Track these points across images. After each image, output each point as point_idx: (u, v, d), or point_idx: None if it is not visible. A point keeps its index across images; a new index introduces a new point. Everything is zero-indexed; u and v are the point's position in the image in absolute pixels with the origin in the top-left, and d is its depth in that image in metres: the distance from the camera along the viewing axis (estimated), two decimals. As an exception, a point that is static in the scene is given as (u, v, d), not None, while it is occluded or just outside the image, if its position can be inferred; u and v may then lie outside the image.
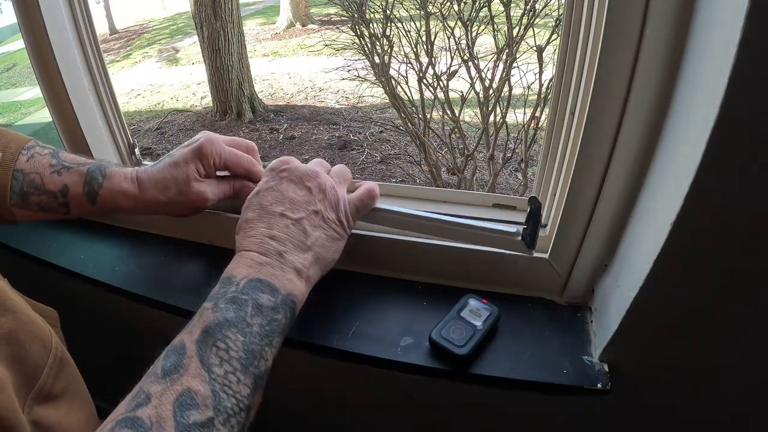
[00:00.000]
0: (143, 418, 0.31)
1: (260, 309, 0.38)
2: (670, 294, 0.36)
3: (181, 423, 0.31)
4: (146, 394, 0.32)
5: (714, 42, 0.29)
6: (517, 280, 0.51)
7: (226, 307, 0.37)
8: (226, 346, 0.35)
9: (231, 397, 0.33)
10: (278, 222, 0.43)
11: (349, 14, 2.21)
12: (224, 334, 0.35)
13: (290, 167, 0.46)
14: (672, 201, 0.32)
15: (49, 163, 0.49)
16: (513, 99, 1.91)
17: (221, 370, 0.34)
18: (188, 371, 0.33)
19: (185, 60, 6.06)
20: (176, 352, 0.35)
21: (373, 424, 0.67)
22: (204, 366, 0.34)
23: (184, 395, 0.32)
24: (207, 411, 0.32)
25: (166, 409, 0.31)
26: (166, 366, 0.34)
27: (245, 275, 0.39)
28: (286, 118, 4.02)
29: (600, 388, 0.42)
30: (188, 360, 0.34)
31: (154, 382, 0.33)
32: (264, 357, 0.37)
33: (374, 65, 2.23)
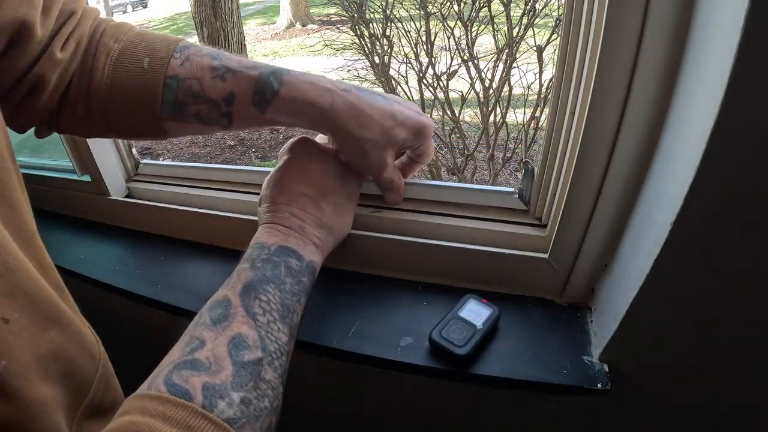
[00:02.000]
0: (201, 359, 0.33)
1: (290, 271, 0.42)
2: (670, 294, 0.36)
3: (237, 361, 0.34)
4: (200, 340, 0.35)
5: (714, 42, 0.29)
6: (517, 280, 0.51)
7: (263, 266, 0.41)
8: (267, 299, 0.39)
9: (274, 342, 0.37)
10: (298, 200, 0.46)
11: (349, 14, 2.21)
12: (264, 289, 0.39)
13: (309, 145, 0.49)
14: (672, 201, 0.32)
15: (209, 65, 0.43)
16: (513, 99, 1.91)
17: (264, 318, 0.37)
18: (236, 319, 0.36)
19: (185, 60, 6.04)
20: (221, 304, 0.38)
21: (373, 424, 0.67)
22: (249, 315, 0.37)
23: (236, 338, 0.35)
24: (257, 351, 0.35)
25: (221, 350, 0.34)
26: (214, 316, 0.37)
27: (275, 242, 0.43)
28: (286, 118, 4.01)
29: (600, 388, 0.42)
30: (234, 310, 0.37)
31: (205, 330, 0.36)
32: (295, 311, 0.41)
33: (374, 65, 2.23)
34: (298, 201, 0.46)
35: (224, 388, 0.32)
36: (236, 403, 0.32)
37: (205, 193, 0.65)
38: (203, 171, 0.68)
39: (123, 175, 0.71)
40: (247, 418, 0.32)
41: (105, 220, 0.73)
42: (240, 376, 0.33)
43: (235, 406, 0.32)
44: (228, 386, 0.32)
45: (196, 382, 0.32)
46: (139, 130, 0.46)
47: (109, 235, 0.70)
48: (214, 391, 0.32)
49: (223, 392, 0.32)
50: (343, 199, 0.48)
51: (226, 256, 0.62)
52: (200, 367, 0.33)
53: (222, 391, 0.32)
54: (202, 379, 0.32)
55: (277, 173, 0.48)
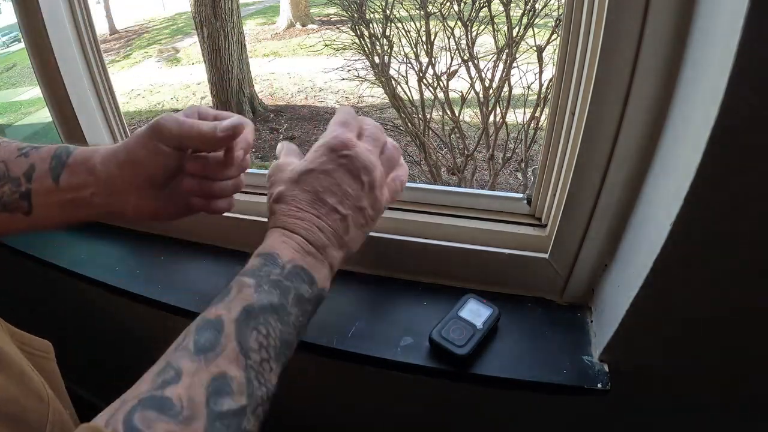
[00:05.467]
0: (172, 398, 0.29)
1: (299, 300, 0.36)
2: (670, 294, 0.36)
3: (214, 410, 0.29)
4: (176, 371, 0.30)
5: (714, 42, 0.29)
6: (517, 280, 0.51)
7: (270, 290, 0.35)
8: (266, 332, 0.33)
9: (263, 386, 0.32)
10: (328, 215, 0.40)
11: (349, 14, 2.21)
12: (266, 320, 0.34)
13: (352, 154, 0.41)
14: (672, 201, 0.32)
15: (17, 147, 0.42)
16: (513, 99, 1.91)
17: (258, 357, 0.32)
18: (225, 352, 0.31)
19: (185, 60, 6.06)
20: (212, 327, 0.32)
21: (373, 424, 0.67)
22: (242, 350, 0.32)
23: (219, 379, 0.30)
24: (241, 398, 0.31)
25: (198, 393, 0.29)
26: (200, 342, 0.32)
27: (291, 259, 0.37)
28: (286, 118, 4.02)
29: (600, 388, 0.42)
30: (226, 340, 0.32)
31: (185, 358, 0.31)
32: (292, 347, 0.36)
33: (374, 65, 2.23)
34: (330, 216, 0.40)
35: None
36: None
37: (205, 193, 0.65)
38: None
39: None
40: None
41: (105, 220, 0.73)
42: (214, 429, 0.29)
43: None
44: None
45: (160, 429, 0.27)
46: None
47: (109, 235, 0.70)
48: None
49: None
50: (369, 221, 0.43)
51: (226, 256, 0.62)
52: (169, 410, 0.28)
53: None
54: (168, 427, 0.28)
55: (310, 173, 0.41)
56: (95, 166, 0.42)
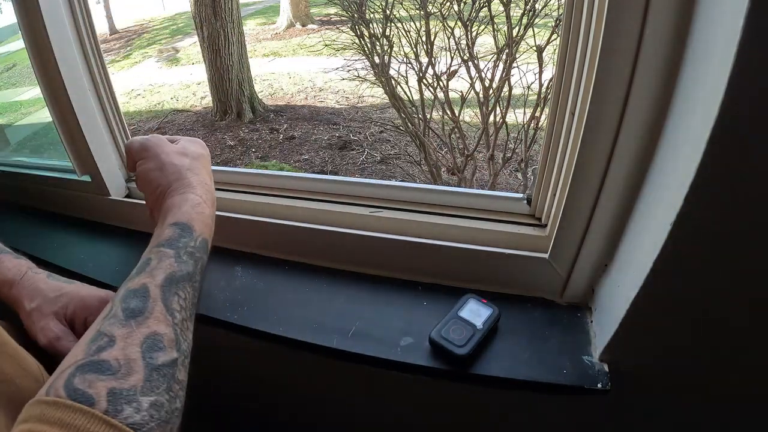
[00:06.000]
0: (109, 360, 0.31)
1: (204, 268, 0.43)
2: (670, 294, 0.36)
3: (150, 364, 0.32)
4: (109, 337, 0.32)
5: (714, 42, 0.29)
6: (517, 280, 0.51)
7: (188, 260, 0.40)
8: (184, 296, 0.38)
9: (185, 341, 0.36)
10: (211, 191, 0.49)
11: (349, 14, 2.21)
12: (184, 287, 0.38)
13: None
14: (672, 201, 0.32)
15: None
16: (513, 99, 1.91)
17: (180, 316, 0.36)
18: (153, 314, 0.34)
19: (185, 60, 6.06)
20: (138, 294, 0.35)
21: (374, 424, 0.67)
22: (168, 311, 0.35)
23: (151, 338, 0.33)
24: (173, 352, 0.34)
25: (133, 351, 0.32)
26: (128, 308, 0.34)
27: (201, 233, 0.43)
28: (286, 118, 4.02)
29: (600, 388, 0.42)
30: (153, 303, 0.35)
31: (115, 325, 0.33)
32: (196, 308, 0.41)
33: (374, 65, 2.23)
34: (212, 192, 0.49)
35: (133, 393, 0.30)
36: (145, 408, 0.30)
37: (205, 193, 0.65)
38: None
39: (123, 175, 0.71)
40: (157, 422, 0.30)
41: (105, 220, 0.73)
42: (153, 380, 0.31)
43: (144, 411, 0.30)
44: (137, 391, 0.30)
45: (101, 387, 0.29)
46: None
47: (109, 235, 0.70)
48: (120, 397, 0.29)
49: (131, 397, 0.30)
50: None
51: (226, 256, 0.62)
52: (107, 371, 0.30)
53: (130, 397, 0.30)
54: (108, 384, 0.30)
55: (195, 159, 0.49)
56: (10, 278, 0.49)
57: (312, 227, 0.57)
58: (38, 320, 0.47)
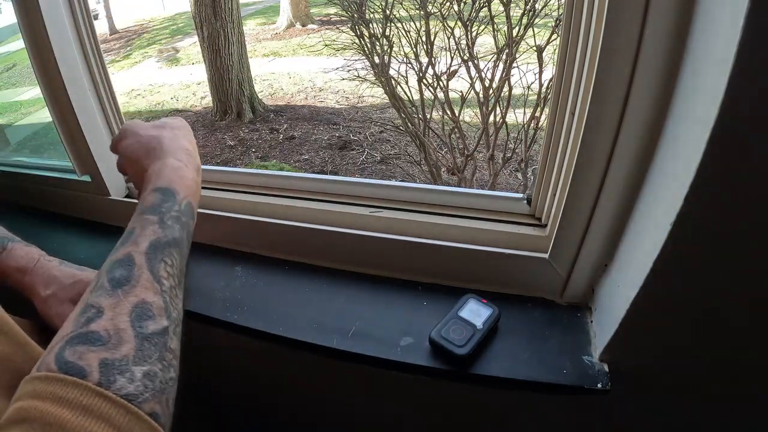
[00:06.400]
0: (99, 331, 0.30)
1: (190, 233, 0.41)
2: (670, 294, 0.36)
3: (141, 333, 0.31)
4: (97, 308, 0.32)
5: (714, 42, 0.29)
6: (517, 280, 0.51)
7: (173, 225, 0.39)
8: (171, 262, 0.36)
9: (175, 308, 0.35)
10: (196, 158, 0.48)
11: (349, 14, 2.21)
12: (170, 252, 0.37)
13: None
14: (672, 201, 0.32)
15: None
16: (513, 99, 1.91)
17: (168, 283, 0.35)
18: (140, 283, 0.34)
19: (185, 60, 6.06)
20: (123, 264, 0.34)
21: (374, 424, 0.67)
22: (155, 278, 0.34)
23: (140, 306, 0.32)
24: (162, 320, 0.33)
25: (122, 320, 0.31)
26: (114, 278, 0.33)
27: (186, 196, 0.42)
28: (286, 118, 4.02)
29: (600, 388, 0.42)
30: (138, 271, 0.34)
31: (102, 296, 0.32)
32: (185, 275, 0.39)
33: (374, 65, 2.23)
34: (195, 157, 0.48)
35: (125, 363, 0.29)
36: (138, 378, 0.29)
37: (205, 194, 0.65)
38: (205, 173, 0.68)
39: (123, 175, 0.71)
40: (151, 392, 0.30)
41: (105, 220, 0.73)
42: (144, 349, 0.31)
43: (137, 381, 0.29)
44: (129, 361, 0.30)
45: (93, 359, 0.29)
46: None
47: (109, 235, 0.70)
48: (113, 367, 0.29)
49: (123, 368, 0.29)
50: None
51: (225, 256, 0.62)
52: (97, 341, 0.30)
53: (122, 367, 0.29)
54: (99, 355, 0.29)
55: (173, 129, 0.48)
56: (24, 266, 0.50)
57: (312, 227, 0.57)
58: (55, 306, 0.48)
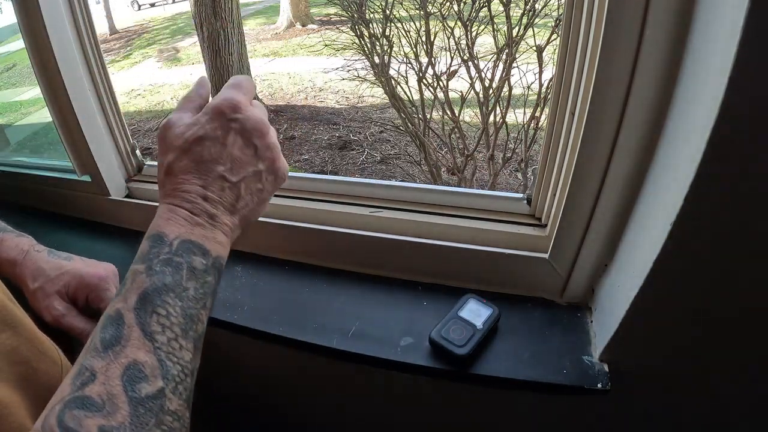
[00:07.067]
0: (93, 396, 0.30)
1: (194, 272, 0.36)
2: (670, 294, 0.36)
3: (134, 398, 0.30)
4: (90, 371, 0.31)
5: (714, 42, 0.29)
6: (517, 280, 0.51)
7: (162, 270, 0.35)
8: (166, 312, 0.34)
9: (176, 364, 0.33)
10: (215, 183, 0.39)
11: (349, 14, 2.21)
12: (163, 300, 0.34)
13: (243, 116, 0.39)
14: (672, 201, 0.32)
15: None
16: (513, 99, 1.91)
17: (164, 337, 0.33)
18: (130, 342, 0.32)
19: (185, 60, 6.06)
20: (113, 322, 0.33)
21: (374, 424, 0.67)
22: (146, 335, 0.32)
23: (131, 368, 0.31)
24: (157, 381, 0.31)
25: (114, 385, 0.30)
26: (105, 338, 0.32)
27: (177, 235, 0.37)
28: (286, 118, 4.02)
29: (600, 388, 0.42)
30: (128, 330, 0.32)
31: (95, 357, 0.31)
32: (200, 320, 0.36)
33: (374, 65, 2.23)
34: (216, 183, 0.38)
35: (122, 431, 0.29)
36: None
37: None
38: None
39: (123, 175, 0.71)
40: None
41: (105, 220, 0.73)
42: (139, 415, 0.30)
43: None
44: (127, 428, 0.29)
45: (91, 425, 0.28)
46: None
47: (109, 235, 0.70)
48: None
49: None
50: (267, 185, 0.42)
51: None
52: (92, 407, 0.29)
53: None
54: (96, 421, 0.29)
55: (197, 140, 0.38)
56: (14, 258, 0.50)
57: (312, 227, 0.57)
58: (42, 299, 0.48)
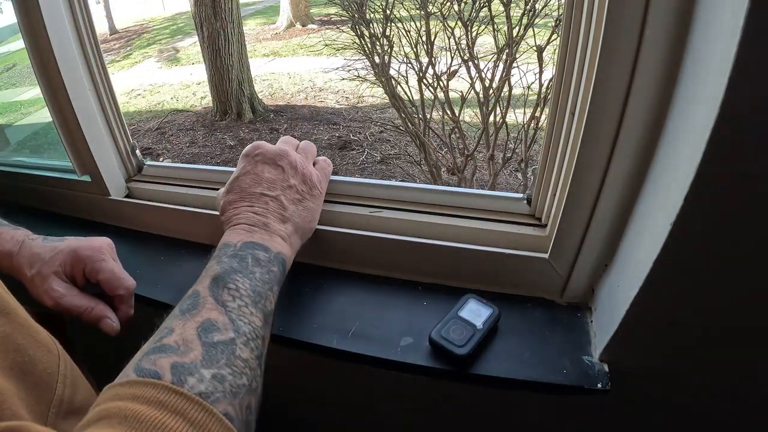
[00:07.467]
0: (169, 343, 0.34)
1: (258, 261, 0.43)
2: (670, 294, 0.36)
3: (206, 342, 0.34)
4: (169, 329, 0.36)
5: (714, 42, 0.29)
6: (517, 280, 0.51)
7: (230, 260, 0.42)
8: (235, 287, 0.39)
9: (247, 324, 0.38)
10: (258, 200, 0.48)
11: (349, 14, 2.21)
12: (233, 278, 0.40)
13: (262, 150, 0.50)
14: (672, 201, 0.32)
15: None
16: (513, 99, 1.91)
17: (234, 304, 0.38)
18: (205, 307, 0.37)
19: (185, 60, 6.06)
20: (190, 297, 0.39)
21: (374, 424, 0.67)
22: (219, 302, 0.38)
23: (205, 323, 0.36)
24: (228, 332, 0.36)
25: (190, 334, 0.35)
26: (183, 307, 0.38)
27: (240, 239, 0.44)
28: (286, 118, 4.02)
29: (600, 388, 0.42)
30: (203, 300, 0.38)
31: (173, 319, 0.37)
32: (268, 298, 0.41)
33: (374, 65, 2.23)
34: (259, 200, 0.48)
35: (193, 366, 0.32)
36: (207, 379, 0.32)
37: (205, 193, 0.65)
38: (206, 173, 0.68)
39: (123, 175, 0.71)
40: (222, 393, 0.32)
41: (105, 220, 0.73)
42: (210, 354, 0.34)
43: (207, 382, 0.32)
44: (198, 364, 0.33)
45: (165, 363, 0.32)
46: None
47: (109, 235, 0.70)
48: (183, 369, 0.32)
49: (192, 369, 0.32)
50: (305, 195, 0.51)
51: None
52: (168, 350, 0.33)
53: (191, 369, 0.32)
54: (170, 359, 0.32)
55: (235, 181, 0.49)
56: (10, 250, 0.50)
57: (312, 227, 0.57)
58: (41, 284, 0.48)
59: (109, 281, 0.50)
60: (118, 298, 0.51)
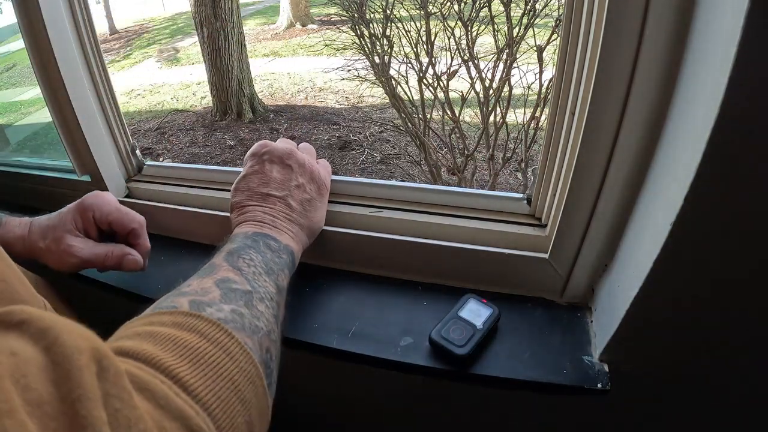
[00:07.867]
0: (189, 290, 0.35)
1: (269, 247, 0.44)
2: (670, 294, 0.36)
3: (224, 288, 0.36)
4: (188, 283, 0.37)
5: (714, 42, 0.29)
6: (517, 280, 0.51)
7: (242, 240, 0.43)
8: (249, 258, 0.41)
9: (261, 286, 0.39)
10: (266, 201, 0.48)
11: (349, 14, 2.21)
12: (247, 252, 0.41)
13: (270, 149, 0.51)
14: (672, 201, 0.32)
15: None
16: (513, 99, 1.91)
17: (249, 270, 0.39)
18: (222, 268, 0.38)
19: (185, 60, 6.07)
20: (207, 266, 0.40)
21: (373, 424, 0.67)
22: (235, 267, 0.39)
23: (223, 279, 0.37)
24: (245, 285, 0.37)
25: (208, 283, 0.36)
26: (200, 272, 0.39)
27: (251, 230, 0.45)
28: (286, 118, 4.02)
29: (600, 388, 0.42)
30: (219, 266, 0.39)
31: (193, 278, 0.38)
32: (280, 276, 0.42)
33: (374, 65, 2.23)
34: (267, 201, 0.48)
35: (213, 302, 0.33)
36: (226, 311, 0.33)
37: (206, 193, 0.65)
38: (206, 173, 0.68)
39: (123, 175, 0.71)
40: (240, 325, 0.32)
41: (105, 220, 0.73)
42: (228, 296, 0.35)
43: (226, 312, 0.33)
44: (217, 300, 0.34)
45: (183, 300, 0.33)
46: None
47: (109, 235, 0.70)
48: (201, 303, 0.33)
49: (211, 303, 0.33)
50: (313, 195, 0.51)
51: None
52: (187, 294, 0.34)
53: (210, 303, 0.33)
54: (189, 298, 0.33)
55: (243, 181, 0.50)
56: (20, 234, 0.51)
57: (312, 227, 0.57)
58: (57, 247, 0.50)
59: (119, 220, 0.52)
60: (133, 234, 0.53)
